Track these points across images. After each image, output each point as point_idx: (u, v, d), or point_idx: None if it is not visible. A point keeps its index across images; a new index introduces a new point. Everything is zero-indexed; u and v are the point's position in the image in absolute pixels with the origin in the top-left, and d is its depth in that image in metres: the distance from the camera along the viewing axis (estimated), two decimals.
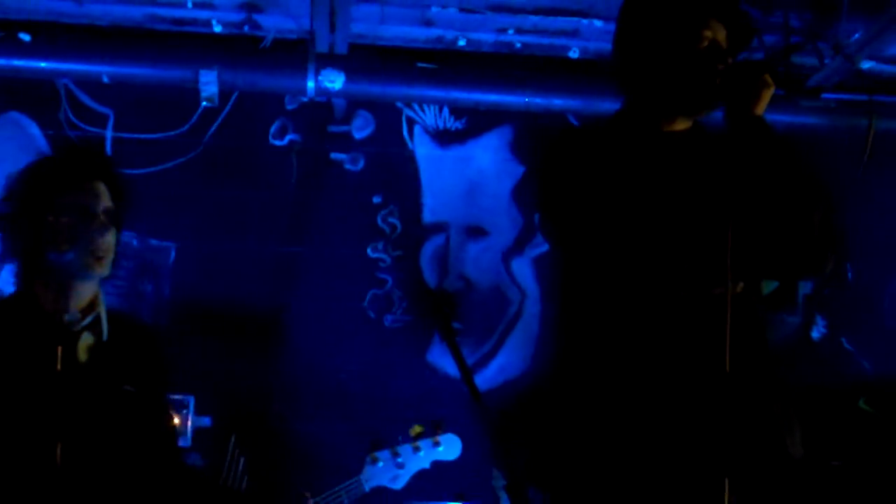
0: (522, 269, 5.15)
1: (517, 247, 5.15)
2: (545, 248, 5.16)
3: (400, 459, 3.29)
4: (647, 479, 2.28)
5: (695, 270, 2.34)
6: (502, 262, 5.14)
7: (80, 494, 2.68)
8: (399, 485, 3.30)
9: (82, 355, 2.80)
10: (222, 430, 4.53)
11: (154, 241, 4.86)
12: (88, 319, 2.83)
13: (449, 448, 3.35)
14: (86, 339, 2.83)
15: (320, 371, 4.85)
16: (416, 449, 3.33)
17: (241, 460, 4.57)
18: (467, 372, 3.09)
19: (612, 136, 2.48)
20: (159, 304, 4.84)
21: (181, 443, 4.32)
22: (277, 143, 4.99)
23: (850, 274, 5.24)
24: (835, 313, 5.20)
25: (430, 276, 5.08)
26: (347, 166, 5.05)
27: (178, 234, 4.87)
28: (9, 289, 2.94)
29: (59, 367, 2.65)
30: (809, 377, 5.00)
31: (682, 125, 2.51)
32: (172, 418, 3.18)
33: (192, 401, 4.36)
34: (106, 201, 2.86)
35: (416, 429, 3.34)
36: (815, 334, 5.19)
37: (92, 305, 2.87)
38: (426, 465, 3.33)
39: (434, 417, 3.41)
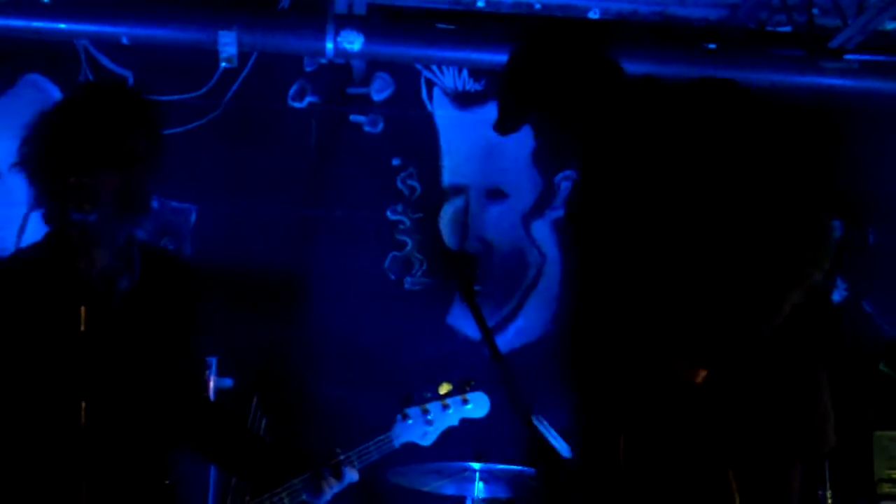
0: (542, 231, 5.14)
1: (537, 209, 5.14)
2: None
3: (430, 416, 3.29)
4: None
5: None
6: (522, 225, 5.13)
7: (104, 453, 2.65)
8: (428, 441, 3.32)
9: (115, 300, 2.70)
10: (244, 391, 4.54)
11: (175, 203, 4.87)
12: (120, 264, 2.72)
13: (477, 405, 3.38)
14: (119, 284, 2.72)
15: (341, 333, 4.86)
16: (446, 406, 3.31)
17: (263, 421, 4.59)
18: (488, 333, 3.09)
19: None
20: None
21: None
22: (297, 105, 4.98)
23: (871, 237, 5.21)
24: (856, 276, 5.17)
25: (449, 238, 5.07)
26: (367, 128, 5.03)
27: (198, 196, 4.87)
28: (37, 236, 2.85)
29: (82, 327, 2.54)
30: (829, 340, 4.99)
31: None
32: (200, 364, 3.12)
33: (214, 362, 4.37)
34: (134, 147, 2.64)
35: (445, 386, 3.37)
36: (835, 297, 5.17)
37: (124, 249, 2.73)
38: (455, 422, 3.34)
39: (455, 378, 3.44)
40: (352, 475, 2.99)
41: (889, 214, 5.11)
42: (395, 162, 5.03)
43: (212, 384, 4.36)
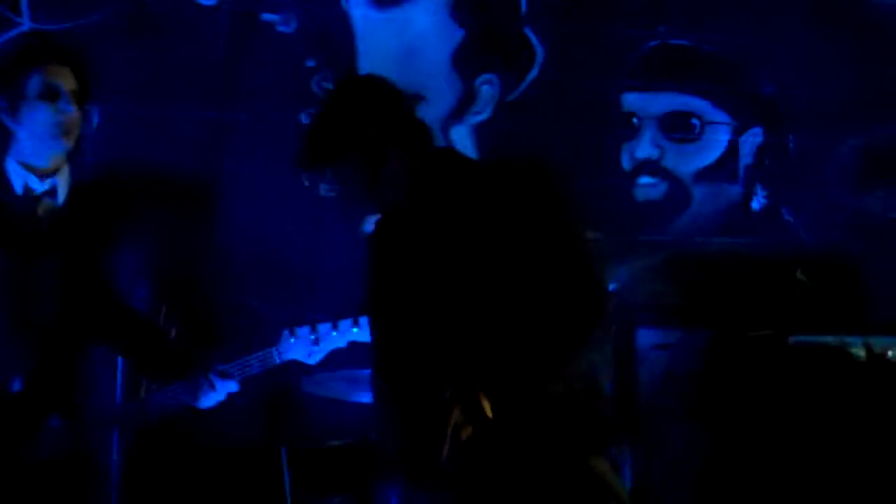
0: (462, 137, 5.05)
1: (456, 114, 5.05)
2: (485, 115, 5.07)
3: (316, 336, 3.39)
4: None
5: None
6: (440, 130, 5.03)
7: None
8: (313, 360, 3.43)
9: (40, 218, 3.21)
10: (154, 298, 4.43)
11: None
12: (45, 185, 3.22)
13: (366, 330, 3.38)
14: (43, 204, 3.19)
15: (253, 241, 4.73)
16: (335, 327, 3.40)
17: (173, 330, 4.51)
18: None
19: None
20: (82, 169, 4.66)
21: None
22: (205, 2, 4.77)
23: (791, 144, 5.22)
24: (776, 184, 5.19)
25: None
26: (280, 28, 4.86)
27: (101, 96, 4.65)
28: None
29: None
30: (748, 247, 5.01)
31: None
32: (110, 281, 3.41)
33: None
34: (71, 83, 3.27)
35: None
36: (755, 204, 5.18)
37: (52, 173, 3.25)
38: (342, 344, 3.43)
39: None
40: (229, 386, 3.27)
41: (809, 121, 5.11)
42: (310, 63, 4.88)
43: None
